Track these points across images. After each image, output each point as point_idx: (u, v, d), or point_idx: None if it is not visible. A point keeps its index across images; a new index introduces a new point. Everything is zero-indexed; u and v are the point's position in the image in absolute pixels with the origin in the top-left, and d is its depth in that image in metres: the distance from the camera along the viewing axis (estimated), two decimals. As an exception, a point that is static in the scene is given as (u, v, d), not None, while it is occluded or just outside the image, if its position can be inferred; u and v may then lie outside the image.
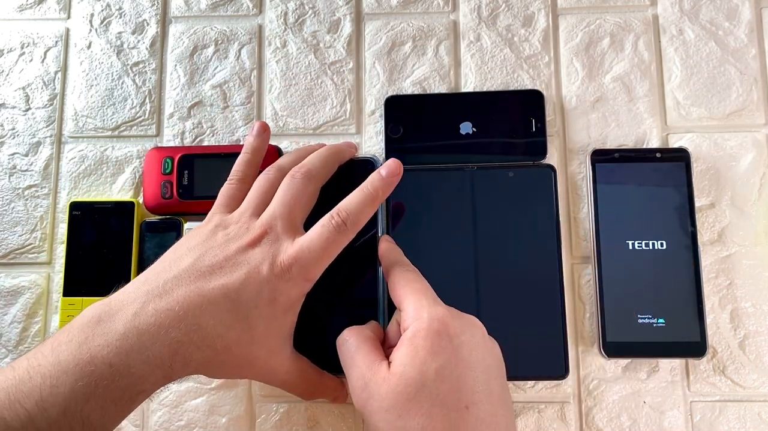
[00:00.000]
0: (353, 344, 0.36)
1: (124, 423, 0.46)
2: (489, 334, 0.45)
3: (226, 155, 0.48)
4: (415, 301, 0.36)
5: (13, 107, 0.52)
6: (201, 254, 0.36)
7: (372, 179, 0.40)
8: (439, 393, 0.31)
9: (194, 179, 0.48)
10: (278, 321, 0.36)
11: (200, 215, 0.47)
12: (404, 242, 0.47)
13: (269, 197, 0.40)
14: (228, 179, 0.43)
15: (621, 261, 0.46)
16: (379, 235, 0.47)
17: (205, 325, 0.34)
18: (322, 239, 0.37)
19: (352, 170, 0.48)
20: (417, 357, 0.32)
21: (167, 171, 0.48)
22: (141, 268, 0.47)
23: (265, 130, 0.45)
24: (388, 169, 0.41)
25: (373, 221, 0.47)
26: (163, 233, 0.47)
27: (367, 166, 0.48)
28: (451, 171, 0.48)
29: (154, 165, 0.48)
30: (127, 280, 0.46)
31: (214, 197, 0.47)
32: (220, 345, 0.34)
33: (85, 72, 0.52)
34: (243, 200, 0.41)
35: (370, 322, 0.40)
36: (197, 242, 0.37)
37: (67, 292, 0.47)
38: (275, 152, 0.48)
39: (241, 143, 0.50)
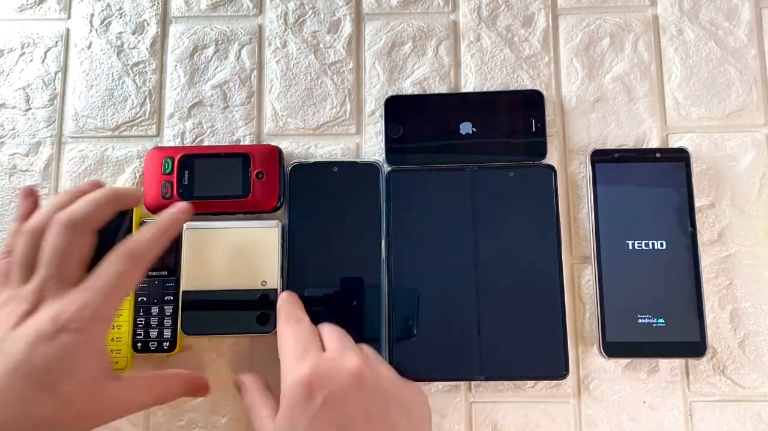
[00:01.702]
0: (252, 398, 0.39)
1: (124, 422, 0.46)
2: (489, 335, 0.45)
3: (227, 155, 0.48)
4: (284, 363, 0.38)
5: (14, 107, 0.52)
6: None
7: (163, 214, 0.41)
8: None
9: (194, 179, 0.48)
10: (87, 370, 0.35)
11: (200, 215, 0.48)
12: (404, 242, 0.47)
13: (33, 260, 0.36)
14: None
15: (621, 261, 0.46)
16: (382, 235, 0.47)
17: (8, 411, 0.32)
18: (110, 275, 0.36)
19: (355, 176, 0.48)
20: (287, 422, 0.35)
21: (167, 171, 0.48)
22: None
23: (30, 194, 0.41)
24: (179, 207, 0.41)
25: (375, 221, 0.47)
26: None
27: (371, 170, 0.48)
28: (451, 171, 0.48)
29: (154, 165, 0.48)
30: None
31: (215, 197, 0.47)
32: (30, 425, 0.32)
33: (86, 72, 0.52)
34: None
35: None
36: None
37: (67, 292, 0.46)
38: (275, 153, 0.48)
39: (242, 143, 0.50)
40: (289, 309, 0.42)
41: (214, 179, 0.47)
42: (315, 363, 0.37)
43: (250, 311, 0.45)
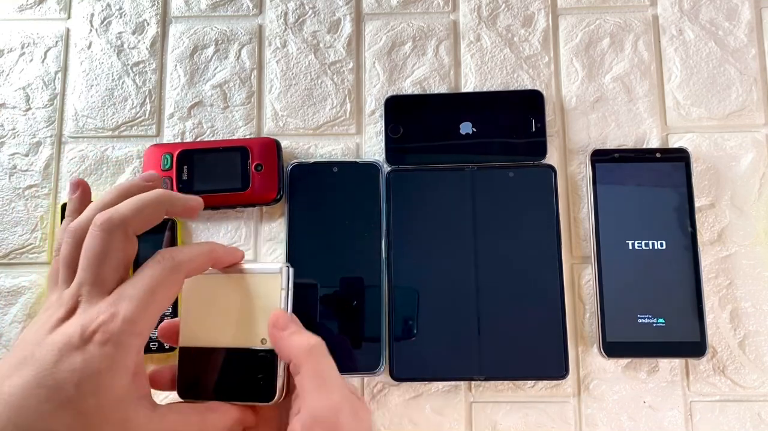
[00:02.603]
0: None
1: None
2: (489, 335, 0.45)
3: (225, 150, 0.48)
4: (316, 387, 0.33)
5: (14, 107, 0.52)
6: (19, 347, 0.32)
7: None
8: None
9: (194, 173, 0.48)
10: (112, 390, 0.32)
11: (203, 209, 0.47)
12: (404, 242, 0.47)
13: (75, 262, 0.34)
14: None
15: (621, 261, 0.46)
16: (382, 235, 0.47)
17: (25, 426, 0.30)
18: (144, 282, 0.32)
19: (355, 176, 0.48)
20: None
21: (166, 167, 0.48)
22: (136, 267, 0.47)
23: (76, 187, 0.37)
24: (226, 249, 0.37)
25: (375, 221, 0.47)
26: (159, 233, 0.47)
27: (371, 170, 0.48)
28: (451, 171, 0.48)
29: (153, 162, 0.48)
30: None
31: (214, 191, 0.47)
32: None
33: (86, 72, 0.52)
34: None
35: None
36: (25, 334, 0.33)
37: (67, 292, 0.46)
38: (273, 145, 0.48)
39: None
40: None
41: (213, 173, 0.47)
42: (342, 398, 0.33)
43: (249, 376, 0.37)
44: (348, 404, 0.32)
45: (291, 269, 0.37)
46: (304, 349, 0.33)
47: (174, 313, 0.46)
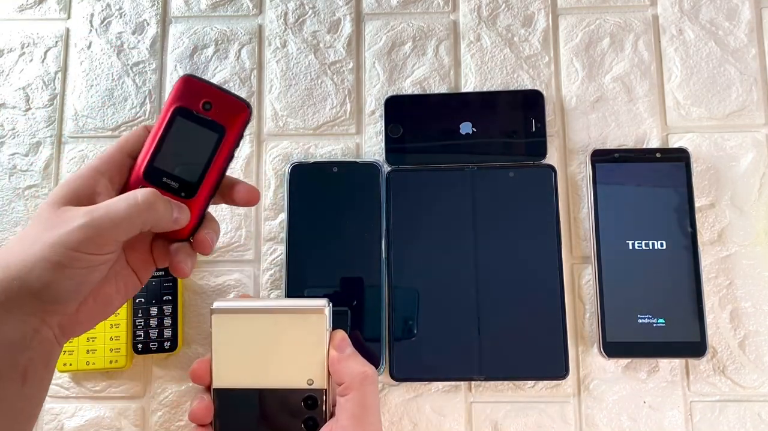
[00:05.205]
0: None
1: (124, 422, 0.46)
2: (489, 335, 0.45)
3: None
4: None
5: (14, 107, 0.52)
6: None
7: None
8: None
9: None
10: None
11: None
12: (404, 242, 0.47)
13: None
14: None
15: (621, 261, 0.46)
16: (382, 235, 0.47)
17: None
18: None
19: (355, 176, 0.48)
20: None
21: None
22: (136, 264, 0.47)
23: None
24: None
25: (375, 221, 0.47)
26: None
27: (371, 170, 0.48)
28: (451, 171, 0.48)
29: None
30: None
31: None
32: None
33: (85, 72, 0.52)
34: None
35: None
36: None
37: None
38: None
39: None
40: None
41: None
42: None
43: (294, 414, 0.37)
44: None
45: (331, 305, 0.37)
46: (358, 375, 0.35)
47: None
